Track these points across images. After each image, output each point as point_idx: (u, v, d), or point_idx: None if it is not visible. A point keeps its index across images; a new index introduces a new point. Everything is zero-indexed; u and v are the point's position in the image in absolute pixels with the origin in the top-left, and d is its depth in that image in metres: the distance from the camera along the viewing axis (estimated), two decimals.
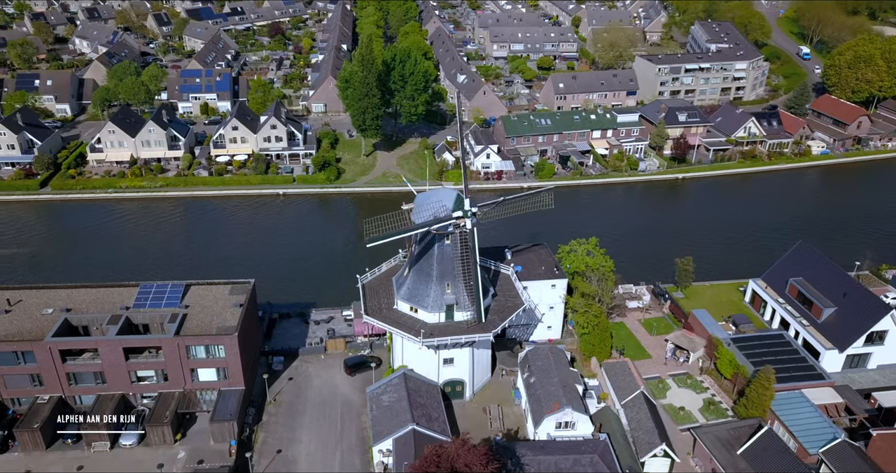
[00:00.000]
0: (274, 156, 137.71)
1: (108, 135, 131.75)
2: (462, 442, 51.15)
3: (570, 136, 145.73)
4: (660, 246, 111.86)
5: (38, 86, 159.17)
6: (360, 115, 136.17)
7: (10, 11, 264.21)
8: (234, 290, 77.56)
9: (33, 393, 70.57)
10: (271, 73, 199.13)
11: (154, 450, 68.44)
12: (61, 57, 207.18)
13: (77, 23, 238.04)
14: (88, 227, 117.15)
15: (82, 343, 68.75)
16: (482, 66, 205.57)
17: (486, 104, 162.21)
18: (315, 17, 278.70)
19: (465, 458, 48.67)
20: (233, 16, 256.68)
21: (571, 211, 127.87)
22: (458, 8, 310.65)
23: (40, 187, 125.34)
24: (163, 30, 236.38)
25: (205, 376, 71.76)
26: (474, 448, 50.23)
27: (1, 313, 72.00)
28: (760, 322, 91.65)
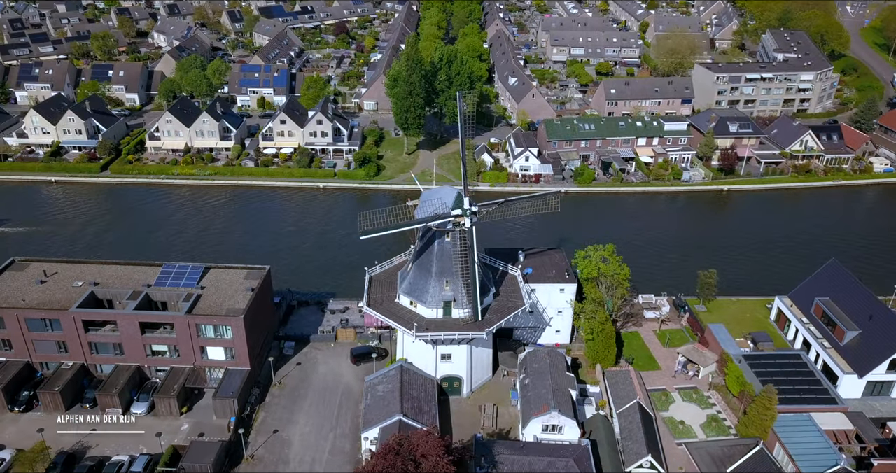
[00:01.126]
0: (319, 150, 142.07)
1: (166, 125, 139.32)
2: (427, 433, 52.26)
3: (613, 143, 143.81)
4: (691, 257, 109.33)
5: (111, 77, 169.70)
6: (402, 114, 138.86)
7: (101, 6, 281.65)
8: (250, 275, 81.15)
9: (59, 359, 76.07)
10: (330, 70, 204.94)
11: (161, 420, 72.56)
12: (139, 50, 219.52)
13: (158, 18, 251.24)
14: (138, 209, 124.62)
15: (103, 315, 73.64)
16: (538, 70, 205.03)
17: (534, 107, 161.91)
18: (382, 17, 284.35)
19: (423, 448, 49.78)
20: (303, 14, 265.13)
21: (606, 217, 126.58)
22: (525, 11, 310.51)
23: (101, 170, 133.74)
24: (235, 26, 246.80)
25: (213, 354, 75.51)
26: (433, 439, 51.24)
27: (37, 283, 77.86)
28: (783, 341, 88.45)
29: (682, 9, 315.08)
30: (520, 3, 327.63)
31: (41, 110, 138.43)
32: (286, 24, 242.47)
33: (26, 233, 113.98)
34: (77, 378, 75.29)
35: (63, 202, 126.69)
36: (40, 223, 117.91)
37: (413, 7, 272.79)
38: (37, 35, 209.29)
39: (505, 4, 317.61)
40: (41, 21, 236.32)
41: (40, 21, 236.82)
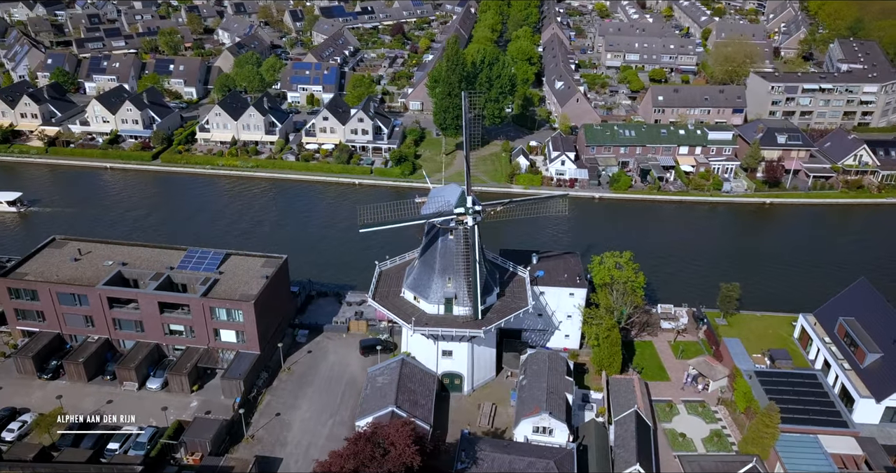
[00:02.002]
0: (359, 147, 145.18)
1: (215, 118, 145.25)
2: (400, 423, 53.44)
3: (654, 150, 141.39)
4: (720, 270, 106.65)
5: (172, 71, 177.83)
6: (441, 114, 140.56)
7: (175, 4, 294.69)
8: (267, 263, 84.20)
9: (85, 333, 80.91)
10: (382, 69, 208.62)
11: (173, 396, 76.27)
12: (204, 46, 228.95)
13: (224, 16, 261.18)
14: (180, 197, 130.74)
15: (125, 293, 77.90)
16: (589, 75, 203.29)
17: (578, 112, 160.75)
18: (441, 19, 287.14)
19: (393, 436, 50.97)
20: (362, 14, 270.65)
21: (638, 225, 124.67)
22: (586, 16, 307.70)
23: (152, 159, 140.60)
24: (296, 25, 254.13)
25: (226, 337, 78.78)
26: (404, 429, 52.32)
27: (71, 261, 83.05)
28: (804, 360, 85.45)
29: (750, 16, 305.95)
30: (581, 8, 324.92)
31: (102, 100, 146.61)
32: (344, 23, 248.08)
33: (74, 213, 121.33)
34: (101, 351, 79.92)
35: (113, 187, 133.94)
36: (89, 205, 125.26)
37: (471, 9, 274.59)
38: (111, 30, 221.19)
39: (566, 9, 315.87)
40: (117, 17, 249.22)
41: (117, 17, 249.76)
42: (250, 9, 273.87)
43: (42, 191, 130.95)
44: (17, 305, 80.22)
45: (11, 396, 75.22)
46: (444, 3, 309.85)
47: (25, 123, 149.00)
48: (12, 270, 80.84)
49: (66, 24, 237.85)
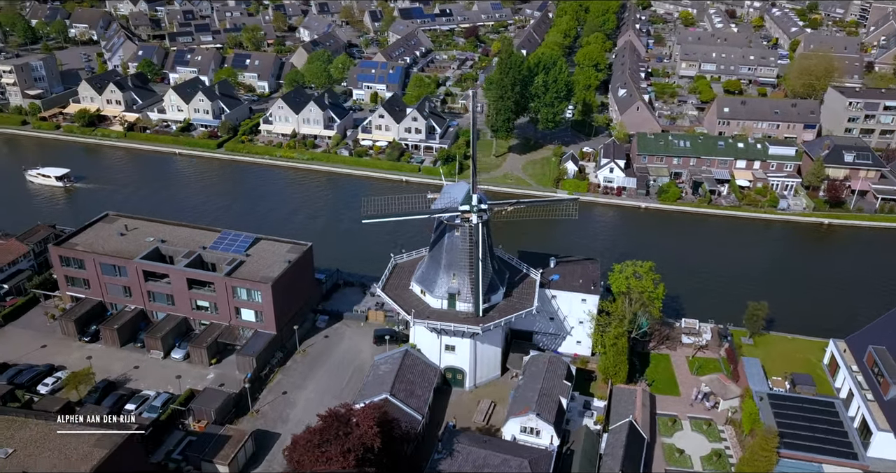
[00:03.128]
0: (411, 146, 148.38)
1: (278, 111, 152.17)
2: (369, 407, 55.35)
3: (709, 162, 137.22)
4: (760, 289, 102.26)
5: (248, 65, 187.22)
6: (493, 116, 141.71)
7: (266, 2, 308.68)
8: (293, 249, 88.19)
9: (124, 302, 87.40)
10: (450, 71, 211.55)
11: (192, 367, 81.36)
12: (284, 43, 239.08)
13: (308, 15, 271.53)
14: (234, 183, 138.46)
15: (158, 267, 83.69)
16: (660, 84, 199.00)
17: (637, 120, 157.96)
18: (518, 23, 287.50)
19: (360, 417, 52.98)
20: (440, 16, 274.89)
21: (680, 237, 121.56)
22: (670, 23, 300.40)
23: (217, 147, 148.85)
24: (374, 25, 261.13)
25: (246, 315, 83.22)
26: (371, 412, 54.16)
27: (117, 235, 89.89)
28: (830, 387, 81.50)
29: (849, 29, 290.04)
30: (666, 16, 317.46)
31: (178, 90, 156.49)
32: (420, 25, 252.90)
33: (114, 191, 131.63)
34: (135, 320, 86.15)
35: (177, 170, 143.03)
36: (138, 185, 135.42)
37: (549, 14, 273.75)
38: (200, 25, 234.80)
39: (649, 16, 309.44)
40: (210, 13, 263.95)
41: (209, 13, 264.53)
42: (334, 8, 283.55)
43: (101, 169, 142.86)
44: (66, 272, 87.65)
45: (53, 354, 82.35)
46: (524, 7, 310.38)
47: (110, 109, 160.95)
48: (65, 240, 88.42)
49: (163, 19, 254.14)
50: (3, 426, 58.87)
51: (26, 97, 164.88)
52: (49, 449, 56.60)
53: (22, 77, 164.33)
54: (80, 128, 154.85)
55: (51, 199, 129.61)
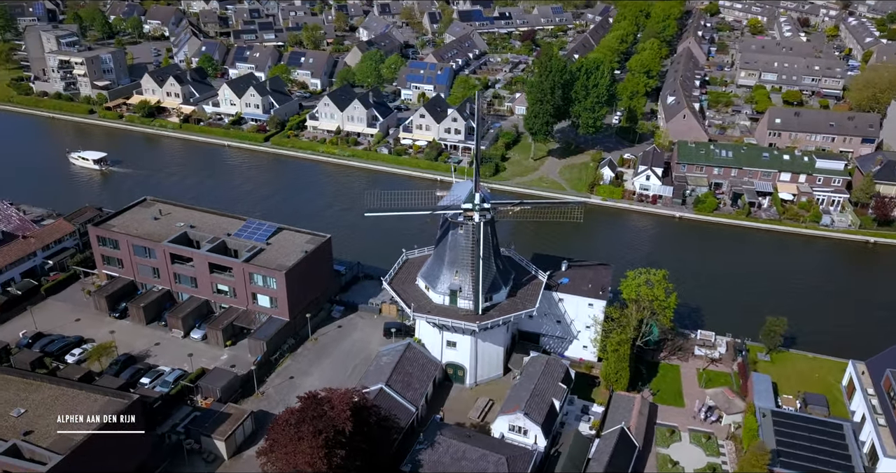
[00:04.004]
0: (450, 146, 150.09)
1: (324, 108, 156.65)
2: (345, 392, 57.18)
3: (752, 173, 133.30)
4: (790, 305, 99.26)
5: (303, 63, 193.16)
6: (531, 119, 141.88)
7: (330, 2, 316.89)
8: (312, 240, 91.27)
9: (152, 282, 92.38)
10: (501, 74, 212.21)
11: (208, 347, 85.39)
12: (343, 42, 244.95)
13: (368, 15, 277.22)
14: (274, 175, 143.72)
15: (183, 251, 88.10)
16: (715, 92, 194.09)
17: (683, 128, 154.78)
18: (578, 28, 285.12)
19: (335, 401, 54.84)
20: (499, 20, 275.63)
21: (713, 248, 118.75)
22: (738, 31, 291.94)
23: (264, 141, 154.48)
24: (432, 27, 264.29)
25: (261, 301, 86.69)
26: (346, 397, 55.90)
27: (152, 219, 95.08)
28: (844, 410, 78.60)
29: None
30: (734, 23, 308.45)
31: (232, 85, 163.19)
32: (478, 27, 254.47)
33: (146, 176, 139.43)
34: (162, 300, 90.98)
35: (224, 161, 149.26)
36: (197, 174, 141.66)
37: (609, 19, 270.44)
38: (264, 23, 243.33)
39: (717, 23, 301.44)
40: (275, 12, 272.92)
41: (275, 12, 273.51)
42: (395, 9, 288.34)
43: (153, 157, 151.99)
44: (103, 251, 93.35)
45: (84, 328, 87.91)
46: (587, 12, 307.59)
47: (169, 101, 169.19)
48: (104, 222, 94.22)
49: (230, 17, 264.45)
50: (21, 388, 63.76)
51: (95, 88, 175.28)
52: (55, 412, 60.95)
53: (92, 69, 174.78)
54: (140, 119, 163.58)
55: (90, 181, 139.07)
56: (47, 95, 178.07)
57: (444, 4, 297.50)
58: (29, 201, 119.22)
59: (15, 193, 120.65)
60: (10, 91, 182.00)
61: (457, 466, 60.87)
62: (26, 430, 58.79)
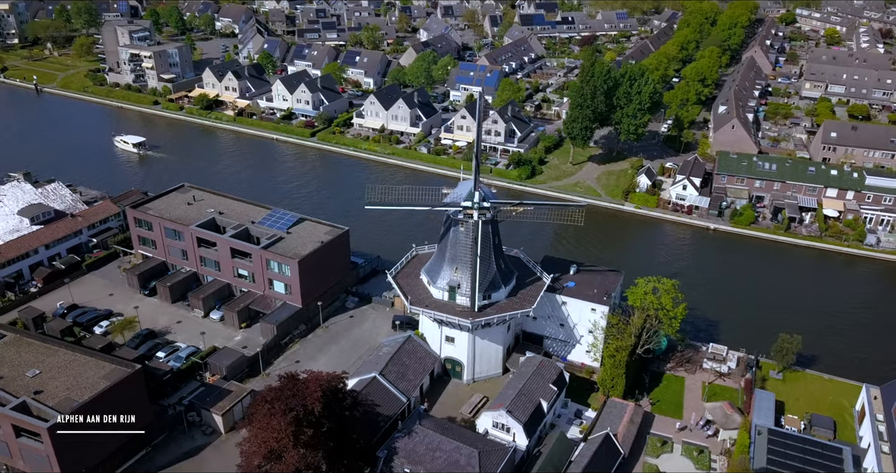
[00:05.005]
0: (489, 147, 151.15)
1: (370, 106, 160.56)
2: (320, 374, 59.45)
3: (795, 188, 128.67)
4: (817, 326, 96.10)
5: (357, 62, 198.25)
6: (570, 123, 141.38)
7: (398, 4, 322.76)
8: (330, 232, 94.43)
9: (181, 264, 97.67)
10: (554, 78, 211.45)
11: (225, 328, 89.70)
12: (403, 42, 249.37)
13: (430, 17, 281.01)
14: (314, 168, 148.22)
15: (208, 235, 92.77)
16: (774, 103, 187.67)
17: (732, 138, 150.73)
18: (643, 34, 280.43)
19: (310, 382, 57.20)
20: (561, 24, 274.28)
21: (744, 263, 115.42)
22: (812, 41, 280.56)
23: (311, 136, 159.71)
24: (493, 30, 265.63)
25: (277, 287, 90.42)
26: (319, 378, 58.11)
27: (185, 204, 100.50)
28: (853, 435, 75.60)
29: None
30: (810, 33, 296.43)
31: (285, 81, 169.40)
32: (538, 31, 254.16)
33: (181, 161, 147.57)
34: (188, 281, 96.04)
35: (270, 154, 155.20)
36: (242, 164, 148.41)
37: (674, 26, 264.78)
38: (327, 23, 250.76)
39: (790, 32, 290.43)
40: (341, 12, 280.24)
41: (341, 12, 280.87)
42: (458, 12, 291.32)
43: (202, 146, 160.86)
44: (139, 233, 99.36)
45: (115, 302, 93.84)
46: (653, 18, 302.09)
47: (226, 95, 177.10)
48: (141, 204, 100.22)
49: (297, 16, 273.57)
50: (40, 351, 69.22)
51: (161, 80, 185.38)
52: (67, 375, 65.99)
53: (159, 62, 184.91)
54: (198, 111, 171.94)
55: (133, 163, 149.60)
56: (118, 86, 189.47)
57: (507, 8, 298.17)
58: (86, 183, 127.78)
59: (74, 175, 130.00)
60: (86, 81, 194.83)
61: (430, 456, 62.28)
62: (37, 390, 63.92)
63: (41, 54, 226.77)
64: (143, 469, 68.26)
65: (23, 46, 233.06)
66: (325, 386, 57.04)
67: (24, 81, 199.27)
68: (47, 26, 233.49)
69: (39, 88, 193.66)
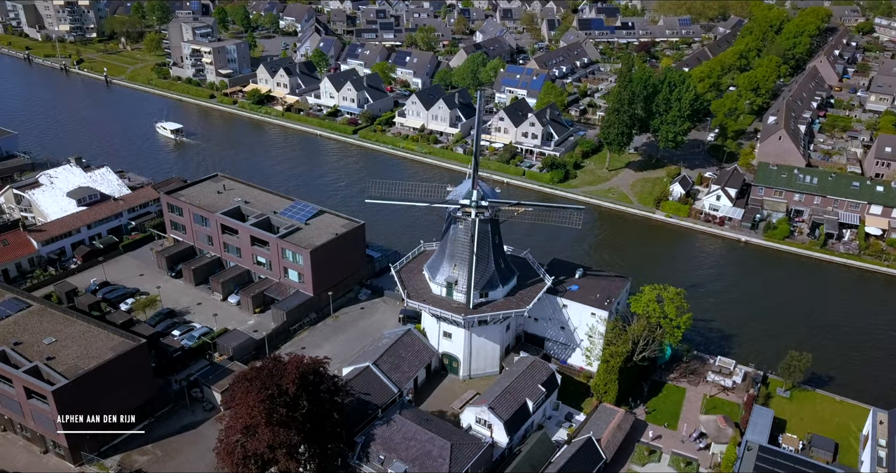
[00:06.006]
0: (524, 150, 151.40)
1: (411, 106, 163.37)
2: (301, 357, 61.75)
3: (837, 203, 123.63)
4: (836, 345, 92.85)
5: (407, 62, 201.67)
6: (606, 128, 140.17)
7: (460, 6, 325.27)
8: (347, 225, 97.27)
9: (207, 249, 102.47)
10: (605, 84, 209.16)
11: (240, 312, 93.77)
12: (458, 44, 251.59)
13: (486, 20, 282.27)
14: (352, 163, 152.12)
15: (230, 223, 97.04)
16: (833, 115, 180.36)
17: (778, 150, 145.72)
18: (706, 41, 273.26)
19: (290, 363, 59.58)
20: (620, 29, 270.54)
21: (775, 278, 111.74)
22: (889, 52, 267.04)
23: (353, 133, 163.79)
24: (549, 34, 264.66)
25: (291, 276, 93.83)
26: (297, 360, 60.37)
27: (215, 193, 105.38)
28: (856, 459, 72.83)
29: None
30: (888, 44, 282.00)
31: (332, 79, 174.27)
32: (595, 36, 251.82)
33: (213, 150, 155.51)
34: (211, 265, 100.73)
35: (312, 148, 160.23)
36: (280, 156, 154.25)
37: (737, 33, 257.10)
38: (385, 23, 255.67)
39: (866, 42, 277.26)
40: (401, 13, 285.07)
41: (400, 13, 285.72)
42: (517, 15, 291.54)
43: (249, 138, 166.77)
44: (172, 217, 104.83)
45: (144, 282, 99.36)
46: (718, 25, 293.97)
47: (278, 91, 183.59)
48: (175, 191, 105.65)
49: (358, 16, 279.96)
50: (59, 321, 74.51)
51: (218, 75, 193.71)
52: (79, 344, 70.89)
53: (218, 58, 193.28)
54: (249, 105, 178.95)
55: (172, 150, 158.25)
56: (180, 80, 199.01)
57: (567, 12, 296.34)
58: (136, 170, 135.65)
59: (125, 162, 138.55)
60: (151, 74, 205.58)
61: (405, 445, 63.82)
62: (50, 356, 68.94)
63: (115, 48, 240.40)
64: (144, 438, 72.45)
65: (100, 40, 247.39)
66: (304, 370, 59.35)
67: (91, 72, 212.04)
68: (123, 22, 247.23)
69: (109, 80, 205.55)
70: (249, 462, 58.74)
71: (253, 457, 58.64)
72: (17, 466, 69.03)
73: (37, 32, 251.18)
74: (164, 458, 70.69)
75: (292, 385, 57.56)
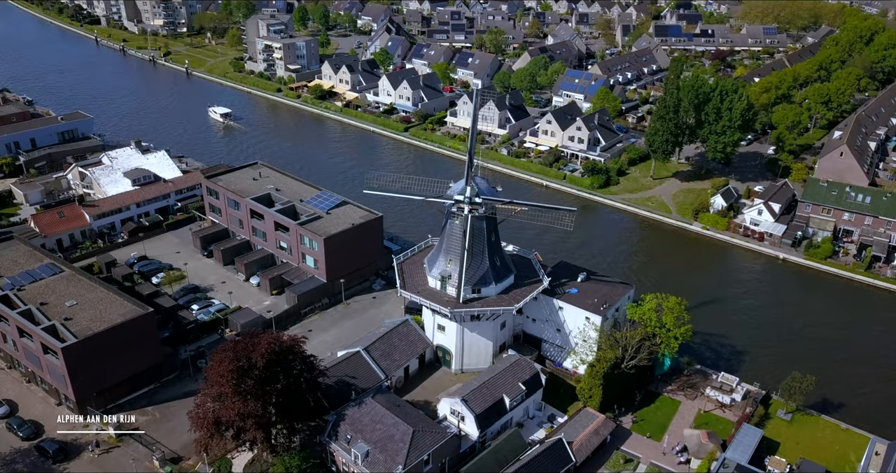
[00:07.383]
0: (569, 154, 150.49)
1: (462, 106, 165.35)
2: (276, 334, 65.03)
3: (891, 225, 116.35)
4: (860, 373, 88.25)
5: (469, 63, 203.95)
6: (651, 135, 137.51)
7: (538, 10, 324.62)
8: (365, 216, 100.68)
9: (238, 231, 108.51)
10: None
11: (259, 292, 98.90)
12: (528, 48, 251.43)
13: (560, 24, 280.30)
14: (396, 159, 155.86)
15: (258, 208, 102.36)
16: None
17: (838, 166, 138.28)
18: (792, 49, 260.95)
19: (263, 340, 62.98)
20: (699, 37, 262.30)
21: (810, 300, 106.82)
22: None
23: (404, 131, 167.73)
24: (623, 39, 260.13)
25: (309, 262, 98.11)
26: (269, 337, 63.58)
27: (251, 179, 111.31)
28: None
29: None
30: None
31: (390, 78, 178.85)
32: (672, 43, 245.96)
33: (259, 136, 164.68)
34: (240, 247, 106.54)
35: (363, 143, 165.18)
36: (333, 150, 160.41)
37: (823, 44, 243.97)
38: (457, 25, 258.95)
39: None
40: (475, 15, 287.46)
41: (475, 15, 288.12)
42: (592, 20, 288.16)
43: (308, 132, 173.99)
44: (210, 201, 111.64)
45: (178, 259, 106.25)
46: (807, 35, 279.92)
47: (340, 87, 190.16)
48: (215, 176, 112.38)
49: (434, 17, 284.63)
50: (83, 286, 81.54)
51: (287, 70, 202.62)
52: (95, 309, 77.39)
53: (287, 54, 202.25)
54: (311, 100, 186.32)
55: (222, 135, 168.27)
56: (253, 73, 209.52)
57: (646, 18, 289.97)
58: (195, 156, 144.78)
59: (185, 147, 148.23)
60: (228, 68, 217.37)
61: (371, 427, 66.10)
62: (67, 317, 75.66)
63: (201, 42, 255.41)
64: (147, 400, 78.19)
65: (189, 35, 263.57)
66: (278, 347, 62.74)
67: (174, 64, 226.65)
68: (212, 18, 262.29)
69: (189, 72, 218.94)
70: (221, 427, 62.71)
71: (224, 424, 62.56)
72: (34, 414, 76.16)
73: (134, 26, 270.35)
74: (161, 420, 76.13)
75: (261, 358, 61.01)
